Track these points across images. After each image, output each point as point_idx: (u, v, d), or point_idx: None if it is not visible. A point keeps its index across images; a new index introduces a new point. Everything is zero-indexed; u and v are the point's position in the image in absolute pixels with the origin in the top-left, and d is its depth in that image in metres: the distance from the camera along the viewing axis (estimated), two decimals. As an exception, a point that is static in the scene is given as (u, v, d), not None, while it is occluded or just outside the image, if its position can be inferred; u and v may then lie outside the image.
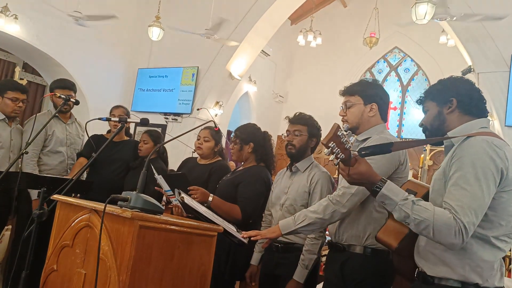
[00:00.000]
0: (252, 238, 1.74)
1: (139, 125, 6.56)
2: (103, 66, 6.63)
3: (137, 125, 6.75)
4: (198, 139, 2.59)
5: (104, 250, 1.43)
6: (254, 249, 2.28)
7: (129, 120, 2.14)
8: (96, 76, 6.46)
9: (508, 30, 4.77)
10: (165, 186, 2.11)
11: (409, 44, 8.67)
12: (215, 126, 2.52)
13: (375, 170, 1.63)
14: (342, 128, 1.29)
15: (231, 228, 1.82)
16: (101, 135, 3.23)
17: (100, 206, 1.47)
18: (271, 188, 2.32)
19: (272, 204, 2.24)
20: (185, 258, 1.55)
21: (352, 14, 8.97)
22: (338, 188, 1.74)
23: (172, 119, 6.75)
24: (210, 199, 2.18)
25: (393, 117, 8.91)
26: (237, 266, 2.26)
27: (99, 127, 3.18)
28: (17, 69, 6.76)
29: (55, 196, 1.74)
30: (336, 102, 2.09)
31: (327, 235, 2.00)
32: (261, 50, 7.42)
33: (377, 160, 1.59)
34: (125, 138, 3.32)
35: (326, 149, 1.27)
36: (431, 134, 1.47)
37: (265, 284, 2.19)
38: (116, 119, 2.16)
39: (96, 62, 6.48)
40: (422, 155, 7.10)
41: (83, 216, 1.58)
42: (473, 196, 1.22)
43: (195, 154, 2.76)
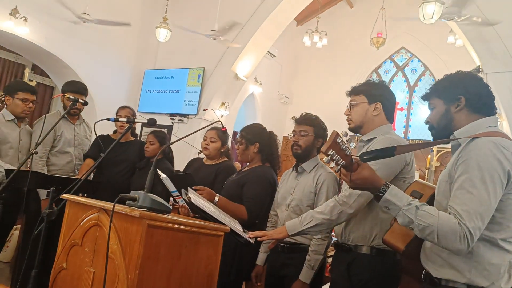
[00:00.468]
0: (259, 239, 1.75)
1: (147, 126, 6.60)
2: (110, 67, 6.69)
3: (145, 126, 6.80)
4: (205, 140, 2.61)
5: (113, 249, 1.44)
6: (260, 249, 2.28)
7: (137, 121, 2.17)
8: (103, 77, 6.52)
9: (517, 30, 4.73)
10: (171, 187, 2.12)
11: (416, 44, 8.60)
12: (222, 126, 2.54)
13: (382, 171, 1.64)
14: (342, 135, 1.31)
15: (238, 228, 1.83)
16: (108, 136, 3.26)
17: (109, 205, 1.48)
18: (277, 189, 2.32)
19: (278, 205, 2.25)
20: (192, 258, 1.57)
21: (358, 15, 8.93)
22: (345, 189, 1.74)
23: (178, 120, 6.78)
24: (217, 199, 2.19)
25: (400, 118, 8.85)
26: (244, 266, 2.27)
27: (106, 128, 3.21)
28: (27, 71, 6.86)
29: (65, 195, 1.76)
30: (342, 103, 2.09)
31: (333, 236, 2.00)
32: (267, 51, 7.42)
33: (383, 160, 1.59)
34: (131, 139, 3.34)
35: (326, 157, 1.28)
36: (438, 133, 1.44)
37: (271, 285, 2.20)
38: (124, 120, 2.19)
39: (103, 64, 6.54)
40: (429, 156, 7.05)
41: (92, 215, 1.60)
42: (479, 200, 1.20)
43: (201, 155, 2.77)
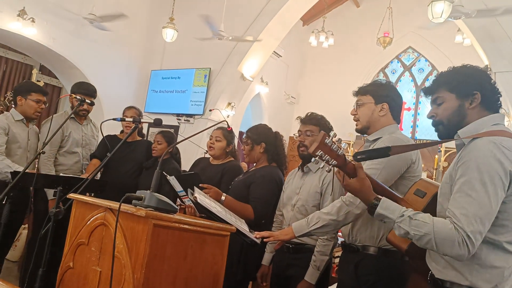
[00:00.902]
0: (265, 240, 1.74)
1: (153, 126, 6.63)
2: (117, 68, 6.73)
3: (151, 126, 6.82)
4: (210, 139, 2.62)
5: (119, 248, 1.45)
6: (266, 249, 2.28)
7: (143, 121, 2.17)
8: (110, 78, 6.56)
9: (526, 29, 4.67)
10: (178, 187, 2.12)
11: (424, 44, 8.53)
12: (228, 126, 2.54)
13: (386, 170, 1.63)
14: (330, 136, 1.31)
15: (244, 228, 1.83)
16: (114, 136, 3.27)
17: (115, 205, 1.49)
18: (283, 188, 2.32)
19: (284, 205, 2.24)
20: (198, 257, 1.56)
21: (365, 14, 8.89)
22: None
23: (185, 120, 6.80)
24: (223, 198, 2.19)
25: (407, 118, 8.78)
26: (249, 266, 2.26)
27: (113, 128, 3.22)
28: (34, 71, 6.92)
29: (71, 195, 1.77)
30: (348, 103, 2.08)
31: (340, 236, 1.99)
32: (273, 51, 7.41)
33: (389, 159, 1.57)
34: (138, 139, 3.35)
35: (313, 158, 1.29)
36: (447, 130, 1.36)
37: (277, 285, 2.19)
38: (130, 120, 2.19)
39: (110, 64, 6.58)
40: (437, 156, 6.98)
41: (99, 215, 1.60)
42: (479, 203, 1.16)
43: (208, 155, 2.78)
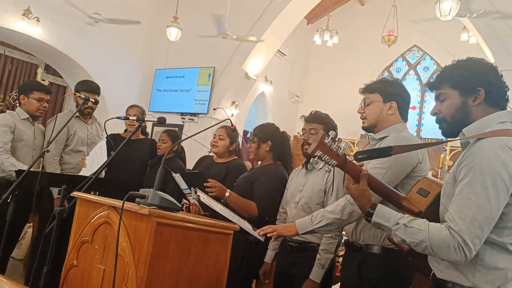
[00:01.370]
0: (268, 235, 1.73)
1: (156, 124, 6.64)
2: (122, 67, 6.75)
3: (155, 125, 6.84)
4: (214, 137, 2.63)
5: (122, 246, 1.45)
6: (268, 247, 2.27)
7: (146, 119, 2.17)
8: (115, 77, 6.58)
9: (533, 26, 4.62)
10: (183, 185, 2.13)
11: (429, 42, 8.48)
12: (232, 125, 2.54)
13: (392, 169, 1.61)
14: (330, 136, 1.29)
15: (247, 226, 1.82)
16: (118, 134, 3.29)
17: (119, 203, 1.49)
18: (286, 186, 2.31)
19: (287, 202, 2.23)
20: (202, 255, 1.56)
21: (370, 13, 8.85)
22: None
23: (189, 119, 6.81)
24: (227, 195, 2.20)
25: (412, 117, 8.73)
26: (253, 264, 2.26)
27: (117, 127, 3.24)
28: (39, 71, 6.95)
29: (75, 193, 1.78)
30: (353, 102, 2.07)
31: (344, 235, 1.98)
32: (277, 50, 7.40)
33: (395, 159, 1.56)
34: (141, 137, 3.37)
35: (312, 158, 1.28)
36: (451, 127, 1.33)
37: (280, 283, 2.18)
38: (134, 118, 2.19)
39: (115, 63, 6.60)
40: (442, 155, 6.93)
41: (102, 213, 1.61)
42: (478, 207, 1.12)
43: (212, 153, 2.79)
